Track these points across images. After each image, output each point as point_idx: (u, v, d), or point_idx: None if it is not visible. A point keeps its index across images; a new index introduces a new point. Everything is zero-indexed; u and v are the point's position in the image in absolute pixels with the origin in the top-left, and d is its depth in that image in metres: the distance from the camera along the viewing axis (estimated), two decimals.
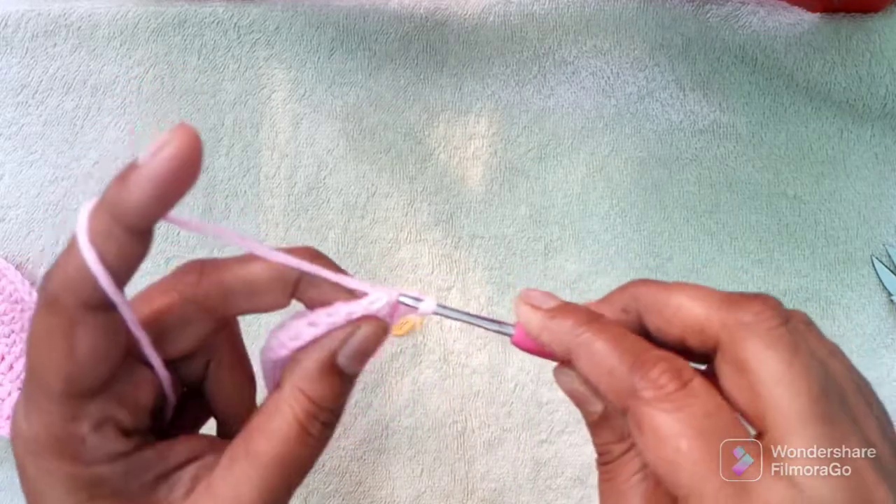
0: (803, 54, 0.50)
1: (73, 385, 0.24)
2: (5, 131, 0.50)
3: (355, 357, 0.27)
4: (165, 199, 0.23)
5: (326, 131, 0.51)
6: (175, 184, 0.23)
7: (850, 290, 0.49)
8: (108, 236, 0.23)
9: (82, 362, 0.24)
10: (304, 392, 0.26)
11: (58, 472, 0.25)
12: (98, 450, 0.25)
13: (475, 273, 0.49)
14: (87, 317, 0.23)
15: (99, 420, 0.25)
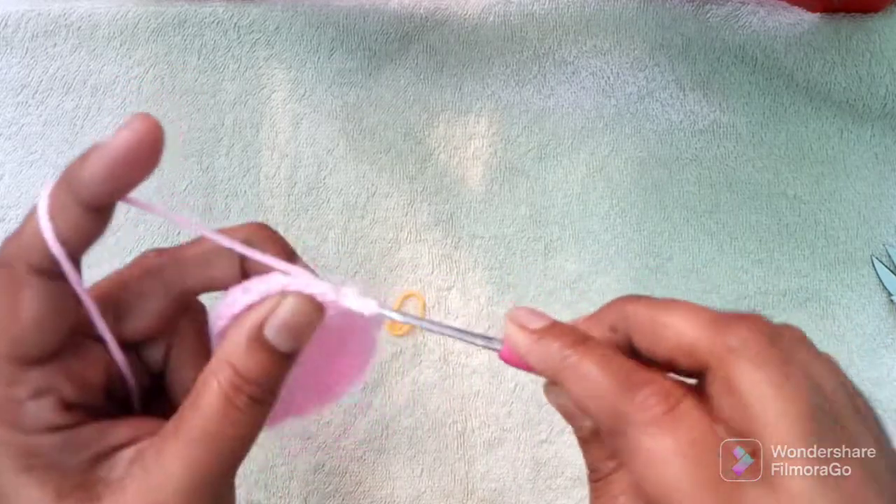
0: (803, 54, 0.50)
1: (16, 348, 0.25)
2: (5, 131, 0.50)
3: (283, 331, 0.26)
4: (118, 178, 0.24)
5: (326, 131, 0.51)
6: (128, 164, 0.24)
7: (850, 290, 0.49)
8: (63, 208, 0.24)
9: (25, 326, 0.24)
10: (230, 364, 0.26)
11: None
12: (35, 418, 0.25)
13: (475, 273, 0.49)
14: (35, 281, 0.24)
15: (39, 388, 0.25)
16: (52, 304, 0.25)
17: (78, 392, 0.26)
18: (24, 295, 0.24)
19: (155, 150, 0.24)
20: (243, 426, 0.26)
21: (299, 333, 0.27)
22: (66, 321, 0.26)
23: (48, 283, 0.24)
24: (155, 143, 0.24)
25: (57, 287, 0.25)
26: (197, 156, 0.50)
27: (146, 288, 0.28)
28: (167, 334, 0.29)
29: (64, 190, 0.24)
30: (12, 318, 0.24)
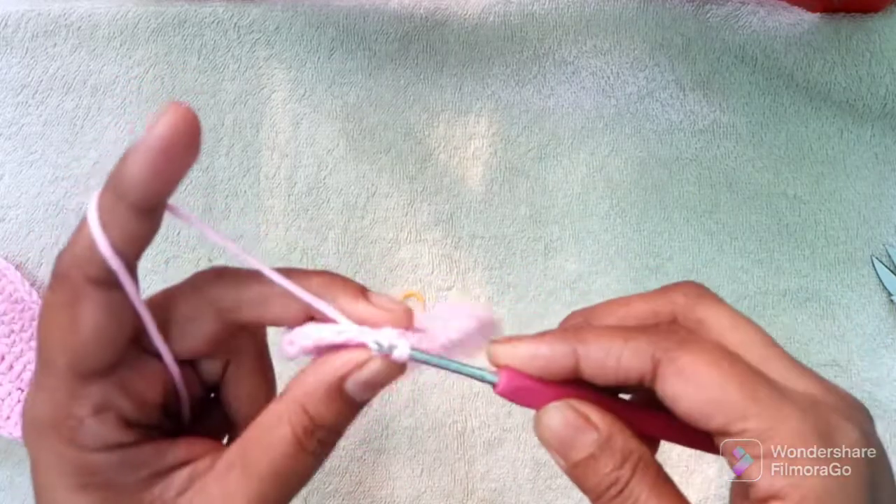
0: (803, 54, 0.50)
1: (77, 362, 0.24)
2: (5, 131, 0.50)
3: (365, 387, 0.26)
4: (162, 173, 0.23)
5: (326, 131, 0.51)
6: (170, 157, 0.23)
7: (850, 290, 0.49)
8: (112, 213, 0.23)
9: (86, 338, 0.24)
10: (305, 409, 0.25)
11: (54, 453, 0.24)
12: (95, 436, 0.25)
13: (475, 273, 0.49)
14: (93, 292, 0.24)
15: (99, 405, 0.25)
16: (111, 315, 0.24)
17: (136, 408, 0.26)
18: (83, 307, 0.24)
19: (193, 138, 0.23)
20: (310, 467, 0.26)
21: (378, 389, 0.26)
22: (124, 333, 0.25)
23: (106, 293, 0.24)
24: (192, 131, 0.23)
25: (115, 297, 0.24)
26: None
27: (196, 311, 0.27)
28: (226, 352, 0.29)
29: (110, 196, 0.23)
30: (72, 331, 0.24)
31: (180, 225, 0.49)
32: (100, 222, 0.23)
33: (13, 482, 0.48)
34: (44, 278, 0.49)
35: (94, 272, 0.23)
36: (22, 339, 0.47)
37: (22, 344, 0.47)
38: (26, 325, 0.47)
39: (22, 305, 0.47)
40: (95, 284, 0.24)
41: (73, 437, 0.24)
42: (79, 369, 0.24)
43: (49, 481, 0.25)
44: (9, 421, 0.47)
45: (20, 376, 0.47)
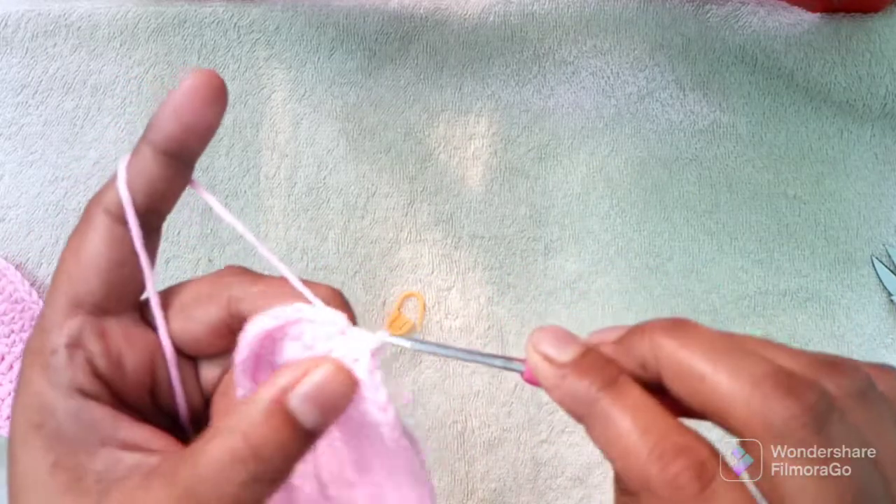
0: (803, 54, 0.50)
1: (70, 286, 0.25)
2: (5, 131, 0.50)
3: (309, 401, 0.23)
4: (188, 121, 0.25)
5: (326, 131, 0.51)
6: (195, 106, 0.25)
7: (850, 290, 0.49)
8: (141, 157, 0.25)
9: (84, 261, 0.25)
10: (240, 430, 0.22)
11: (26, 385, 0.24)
12: (63, 371, 0.24)
13: (475, 273, 0.49)
14: (102, 221, 0.25)
15: (74, 338, 0.24)
16: (112, 246, 0.25)
17: (108, 365, 0.25)
18: (90, 233, 0.25)
19: (217, 91, 0.25)
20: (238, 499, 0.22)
21: (328, 407, 0.23)
22: (121, 274, 0.25)
23: (112, 224, 0.25)
24: (216, 85, 0.25)
25: (120, 232, 0.25)
26: None
27: (207, 293, 0.27)
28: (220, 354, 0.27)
29: (142, 142, 0.25)
30: (74, 254, 0.25)
31: (180, 225, 0.49)
32: (126, 165, 0.25)
33: None
34: (44, 278, 0.49)
35: (109, 204, 0.25)
36: (22, 339, 0.47)
37: (22, 344, 0.47)
38: (26, 325, 0.47)
39: (22, 305, 0.47)
40: (106, 214, 0.25)
41: (45, 366, 0.24)
42: (72, 295, 0.25)
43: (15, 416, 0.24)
44: (8, 421, 0.47)
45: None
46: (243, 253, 0.49)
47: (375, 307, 0.49)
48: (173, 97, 0.24)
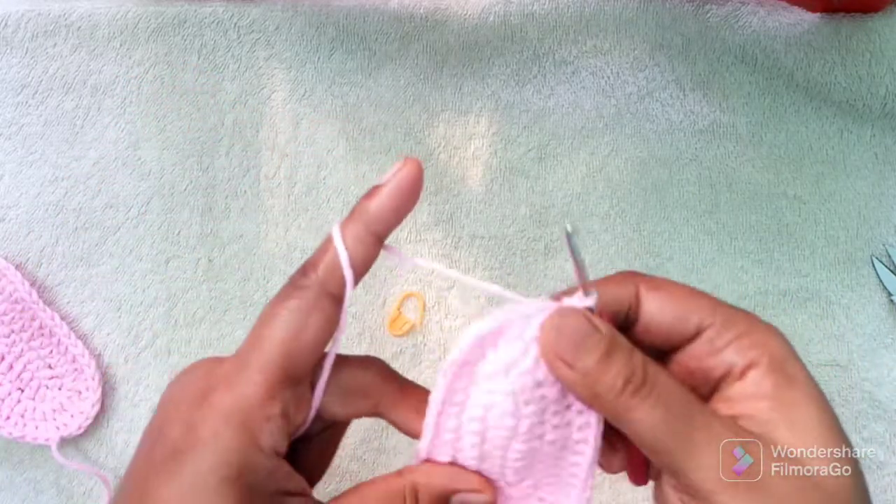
0: (803, 54, 0.50)
1: (290, 361, 0.27)
2: (5, 131, 0.50)
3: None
4: (399, 208, 0.28)
5: (326, 131, 0.51)
6: (406, 196, 0.28)
7: (850, 290, 0.49)
8: (357, 238, 0.27)
9: (304, 343, 0.27)
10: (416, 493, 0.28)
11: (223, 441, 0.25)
12: (272, 436, 0.26)
13: (475, 273, 0.49)
14: (327, 305, 0.27)
15: (286, 410, 0.27)
16: (328, 329, 0.27)
17: (297, 426, 0.28)
18: (314, 315, 0.27)
19: (421, 183, 0.28)
20: None
21: None
22: (321, 352, 0.28)
23: (335, 308, 0.27)
24: (421, 177, 0.28)
25: (336, 314, 0.27)
26: (197, 156, 0.50)
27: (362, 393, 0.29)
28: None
29: (356, 223, 0.28)
30: (297, 333, 0.27)
31: (180, 225, 0.49)
32: (343, 243, 0.27)
33: (13, 482, 0.48)
34: (44, 278, 0.49)
35: (332, 287, 0.27)
36: (22, 339, 0.47)
37: (22, 344, 0.47)
38: (26, 325, 0.47)
39: (22, 305, 0.47)
40: (330, 299, 0.27)
41: (255, 432, 0.26)
42: (287, 371, 0.26)
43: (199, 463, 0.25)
44: (8, 421, 0.47)
45: (20, 376, 0.47)
46: (243, 253, 0.49)
47: (375, 307, 0.49)
48: (393, 185, 0.28)
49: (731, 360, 0.26)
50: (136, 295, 0.49)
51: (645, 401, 0.25)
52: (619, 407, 0.25)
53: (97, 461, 0.48)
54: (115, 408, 0.48)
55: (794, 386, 0.26)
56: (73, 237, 0.49)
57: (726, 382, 0.27)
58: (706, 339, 0.27)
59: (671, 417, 0.24)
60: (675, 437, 0.24)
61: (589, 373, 0.25)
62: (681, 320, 0.27)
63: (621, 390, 0.25)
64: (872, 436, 0.48)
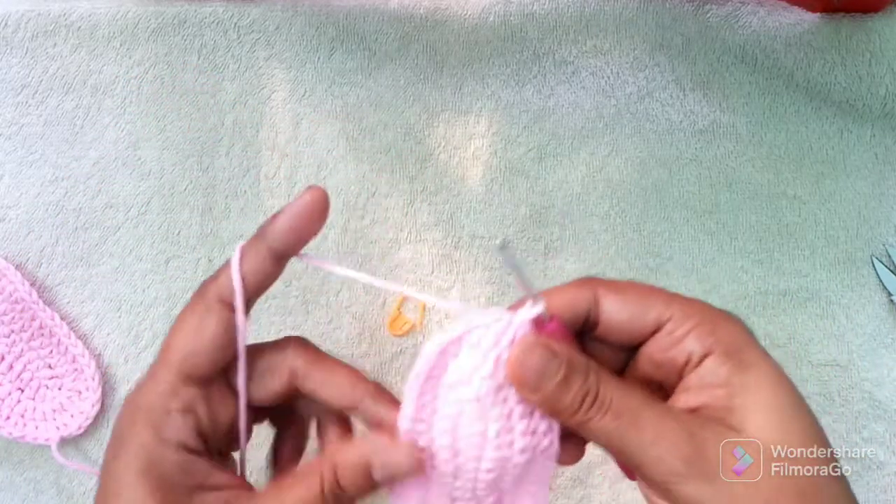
0: (803, 54, 0.50)
1: (188, 361, 0.30)
2: (5, 131, 0.50)
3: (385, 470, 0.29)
4: (300, 230, 0.30)
5: (326, 131, 0.51)
6: (306, 220, 0.30)
7: (850, 290, 0.49)
8: (256, 252, 0.30)
9: (203, 343, 0.30)
10: (335, 470, 0.29)
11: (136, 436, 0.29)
12: (175, 430, 0.29)
13: (475, 273, 0.49)
14: (219, 308, 0.30)
15: (188, 405, 0.30)
16: (225, 332, 0.30)
17: (209, 425, 0.30)
18: (209, 318, 0.30)
19: (325, 211, 0.30)
20: None
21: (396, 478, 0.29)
22: (228, 353, 0.30)
23: (228, 313, 0.30)
24: (325, 205, 0.30)
25: (231, 319, 0.30)
26: (197, 156, 0.50)
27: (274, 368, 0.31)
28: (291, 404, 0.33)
29: (256, 240, 0.30)
30: (196, 335, 0.30)
31: (180, 225, 0.49)
32: (239, 259, 0.30)
33: (13, 482, 0.48)
34: (44, 278, 0.49)
35: (225, 294, 0.30)
36: (22, 338, 0.47)
37: (22, 344, 0.47)
38: (26, 325, 0.47)
39: (22, 305, 0.47)
40: (222, 303, 0.30)
41: (159, 426, 0.29)
42: (186, 369, 0.30)
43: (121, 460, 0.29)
44: (8, 421, 0.47)
45: (20, 376, 0.47)
46: None
47: (375, 307, 0.49)
48: (292, 211, 0.30)
49: (691, 349, 0.28)
50: (136, 295, 0.49)
51: (599, 412, 0.27)
52: (577, 420, 0.28)
53: (97, 461, 0.48)
54: (115, 408, 0.48)
55: (749, 371, 0.27)
56: (73, 237, 0.49)
57: (687, 371, 0.28)
58: (666, 332, 0.29)
59: (623, 424, 0.27)
60: (627, 440, 0.27)
61: (550, 397, 0.28)
62: (639, 317, 0.29)
63: (578, 408, 0.27)
64: (872, 436, 0.48)
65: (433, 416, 0.29)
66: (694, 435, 0.26)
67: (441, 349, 0.28)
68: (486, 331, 0.28)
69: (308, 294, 0.49)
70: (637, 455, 0.27)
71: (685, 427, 0.27)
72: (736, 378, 0.27)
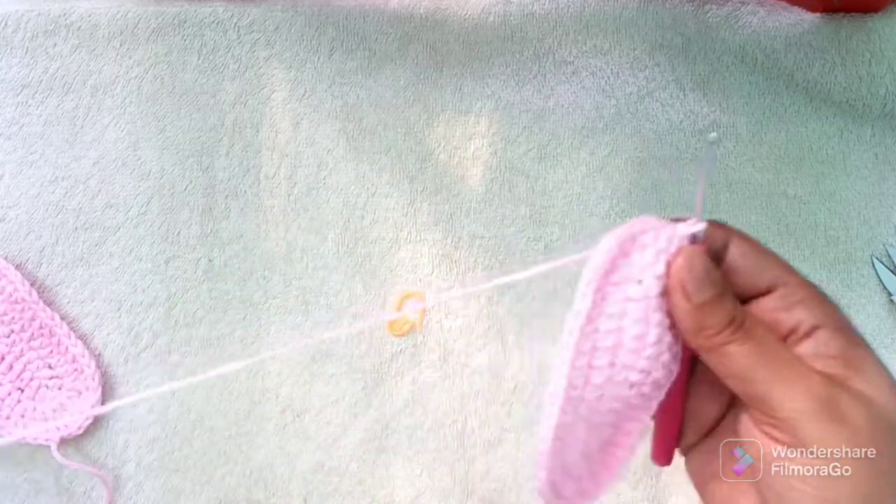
0: (803, 54, 0.50)
1: None
2: (5, 131, 0.50)
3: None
4: None
5: (326, 131, 0.51)
6: None
7: (850, 290, 0.49)
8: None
9: None
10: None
11: None
12: None
13: (475, 273, 0.49)
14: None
15: None
16: None
17: None
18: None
19: None
20: None
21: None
22: None
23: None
24: None
25: None
26: (197, 156, 0.50)
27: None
28: None
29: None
30: None
31: (180, 225, 0.49)
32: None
33: (13, 482, 0.48)
34: (44, 278, 0.49)
35: None
36: (22, 339, 0.47)
37: (22, 344, 0.47)
38: (26, 325, 0.47)
39: (22, 305, 0.47)
40: None
41: None
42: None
43: None
44: (9, 421, 0.47)
45: (20, 376, 0.47)
46: (243, 253, 0.49)
47: (375, 307, 0.49)
48: None
49: (800, 318, 0.28)
50: (136, 295, 0.49)
51: (742, 338, 0.27)
52: (717, 341, 0.27)
53: (97, 461, 0.48)
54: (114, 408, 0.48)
55: (861, 347, 0.28)
56: (73, 237, 0.49)
57: (793, 339, 0.28)
58: (779, 295, 0.29)
59: (765, 352, 0.27)
60: (767, 369, 0.27)
61: (702, 307, 0.28)
62: (759, 272, 0.29)
63: (724, 327, 0.27)
64: None
65: (599, 317, 0.29)
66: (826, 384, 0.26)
67: (619, 242, 0.28)
68: (657, 233, 0.28)
69: (308, 294, 0.49)
70: (767, 388, 0.27)
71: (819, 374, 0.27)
72: (850, 352, 0.28)
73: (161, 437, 0.48)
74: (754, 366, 0.27)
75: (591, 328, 0.28)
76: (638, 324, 0.28)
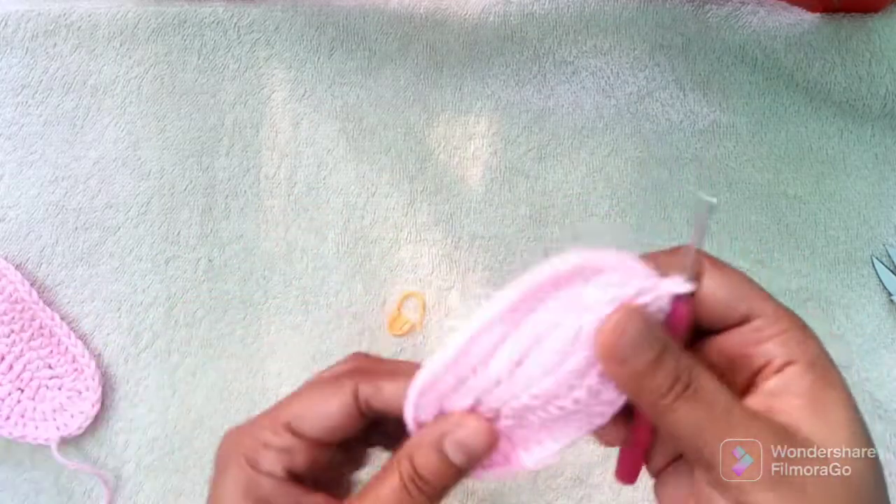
0: (803, 54, 0.50)
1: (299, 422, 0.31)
2: (5, 131, 0.50)
3: (457, 448, 0.28)
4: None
5: (326, 131, 0.51)
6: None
7: (850, 290, 0.49)
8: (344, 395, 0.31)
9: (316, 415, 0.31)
10: (411, 459, 0.29)
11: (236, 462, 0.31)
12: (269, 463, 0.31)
13: (475, 273, 0.49)
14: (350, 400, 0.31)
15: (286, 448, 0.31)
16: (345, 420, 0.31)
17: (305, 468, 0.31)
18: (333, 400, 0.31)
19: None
20: None
21: (471, 456, 0.29)
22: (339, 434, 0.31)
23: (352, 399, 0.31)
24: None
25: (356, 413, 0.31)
26: (197, 156, 0.50)
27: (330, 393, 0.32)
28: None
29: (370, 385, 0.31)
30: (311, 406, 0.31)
31: (180, 225, 0.49)
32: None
33: (13, 482, 0.48)
34: (44, 278, 0.49)
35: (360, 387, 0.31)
36: (22, 339, 0.47)
37: (22, 344, 0.47)
38: (26, 325, 0.47)
39: (22, 305, 0.47)
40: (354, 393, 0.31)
41: (254, 460, 0.31)
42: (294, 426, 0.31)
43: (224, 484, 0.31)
44: (8, 421, 0.47)
45: (20, 376, 0.47)
46: (243, 253, 0.49)
47: (375, 307, 0.49)
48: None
49: (773, 353, 0.27)
50: (136, 295, 0.49)
51: (688, 402, 0.26)
52: (661, 406, 0.26)
53: (97, 461, 0.48)
54: (115, 408, 0.48)
55: (830, 388, 0.27)
56: (73, 237, 0.49)
57: (763, 375, 0.27)
58: (753, 328, 0.27)
59: (712, 417, 0.26)
60: (712, 435, 0.25)
61: (639, 373, 0.26)
62: (733, 303, 0.28)
63: (666, 392, 0.26)
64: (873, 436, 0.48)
65: (524, 317, 0.27)
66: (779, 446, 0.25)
67: (582, 264, 0.27)
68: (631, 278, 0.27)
69: (308, 294, 0.49)
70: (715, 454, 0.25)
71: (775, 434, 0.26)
72: (817, 392, 0.26)
73: (161, 437, 0.48)
74: (702, 430, 0.25)
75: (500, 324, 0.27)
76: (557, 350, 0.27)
